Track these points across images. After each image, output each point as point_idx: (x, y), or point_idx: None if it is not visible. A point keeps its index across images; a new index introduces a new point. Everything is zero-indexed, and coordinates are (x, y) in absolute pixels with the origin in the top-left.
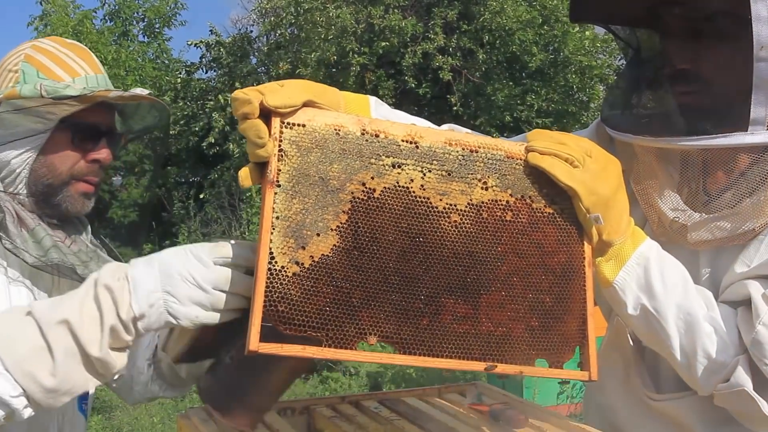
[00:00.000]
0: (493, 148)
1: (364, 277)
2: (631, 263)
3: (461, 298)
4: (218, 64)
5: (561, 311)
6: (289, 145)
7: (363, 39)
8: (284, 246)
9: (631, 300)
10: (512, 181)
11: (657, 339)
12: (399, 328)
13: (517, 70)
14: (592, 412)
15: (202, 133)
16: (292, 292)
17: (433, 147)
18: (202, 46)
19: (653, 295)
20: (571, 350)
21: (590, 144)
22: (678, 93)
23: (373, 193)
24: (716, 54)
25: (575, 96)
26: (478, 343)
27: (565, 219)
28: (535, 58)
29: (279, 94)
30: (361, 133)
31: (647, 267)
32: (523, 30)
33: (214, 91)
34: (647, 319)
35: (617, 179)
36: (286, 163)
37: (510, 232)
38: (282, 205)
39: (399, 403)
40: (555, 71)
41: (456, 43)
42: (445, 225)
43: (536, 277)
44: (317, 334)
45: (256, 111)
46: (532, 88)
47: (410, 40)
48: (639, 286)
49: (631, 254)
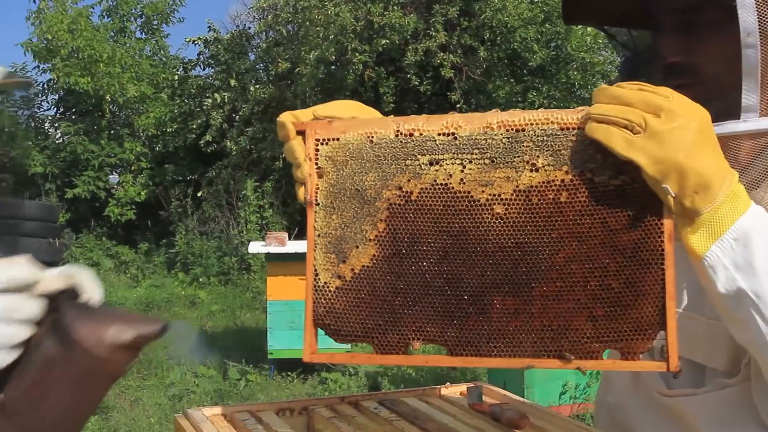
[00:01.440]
0: (543, 123)
1: (405, 282)
2: (728, 238)
3: (510, 294)
4: (216, 60)
5: (632, 296)
6: (326, 162)
7: (363, 37)
8: (326, 262)
9: (723, 280)
10: (568, 156)
11: (750, 326)
12: (443, 331)
13: (518, 67)
14: (601, 413)
15: (199, 130)
16: (337, 305)
17: (473, 135)
18: (200, 42)
19: (754, 276)
20: (647, 338)
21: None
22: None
23: (410, 196)
24: (705, 45)
25: (577, 93)
26: (530, 339)
27: (637, 189)
28: (536, 55)
29: (327, 106)
30: (395, 135)
31: (748, 244)
32: (525, 27)
33: (212, 89)
34: (741, 302)
35: (697, 135)
36: (325, 180)
37: (566, 214)
38: (322, 222)
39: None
40: (557, 68)
41: (457, 40)
42: (487, 218)
43: (600, 261)
44: (364, 342)
45: (290, 133)
46: (533, 86)
47: (411, 37)
48: (736, 265)
49: (730, 226)
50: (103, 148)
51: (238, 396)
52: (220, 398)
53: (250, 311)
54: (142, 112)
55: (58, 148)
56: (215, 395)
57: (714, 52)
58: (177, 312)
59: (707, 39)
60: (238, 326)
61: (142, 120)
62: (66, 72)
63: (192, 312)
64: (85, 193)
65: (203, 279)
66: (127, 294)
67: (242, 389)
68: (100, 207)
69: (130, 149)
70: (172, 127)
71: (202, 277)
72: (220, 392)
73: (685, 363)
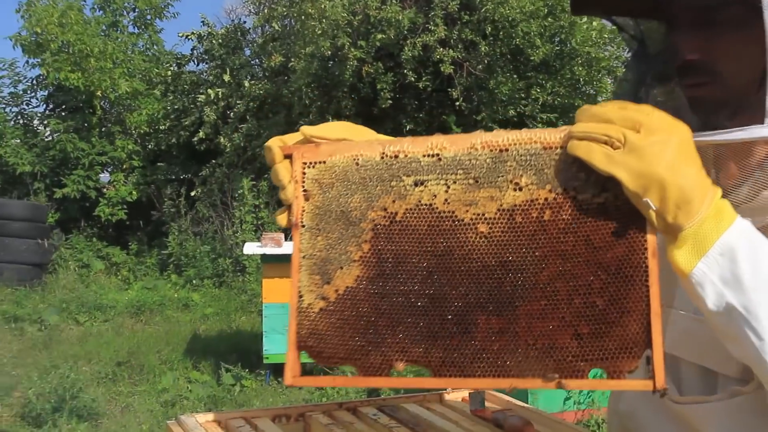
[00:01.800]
0: (527, 143)
1: (389, 303)
2: (713, 253)
3: (495, 313)
4: (210, 56)
5: (617, 314)
6: (312, 184)
7: (359, 31)
8: (311, 283)
9: (712, 296)
10: (551, 175)
11: (742, 342)
12: (427, 352)
13: (521, 62)
14: (613, 422)
15: (193, 128)
16: (320, 327)
17: (457, 155)
18: (193, 37)
19: (742, 291)
20: (633, 357)
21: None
22: (688, 86)
23: (395, 216)
24: (726, 43)
25: (582, 89)
26: (514, 359)
27: (620, 206)
28: (539, 50)
29: (317, 127)
30: (380, 158)
31: (734, 258)
32: (527, 21)
33: (206, 84)
34: (732, 318)
35: (677, 149)
36: (311, 202)
37: (550, 232)
38: (307, 244)
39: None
40: (561, 64)
41: (457, 35)
42: (471, 237)
43: (585, 279)
44: (347, 364)
45: (276, 157)
46: (537, 82)
47: (409, 32)
48: (723, 280)
49: (714, 242)
50: (94, 146)
51: (233, 402)
52: (214, 404)
53: (245, 314)
54: (134, 109)
55: (47, 146)
56: (209, 401)
57: (735, 51)
58: (170, 315)
59: (728, 37)
60: (233, 330)
61: (134, 117)
62: (56, 67)
63: (185, 315)
64: (75, 192)
65: (197, 281)
66: (118, 297)
67: (237, 395)
68: (90, 207)
69: (121, 147)
70: (165, 124)
71: (196, 279)
72: (214, 398)
73: (697, 369)
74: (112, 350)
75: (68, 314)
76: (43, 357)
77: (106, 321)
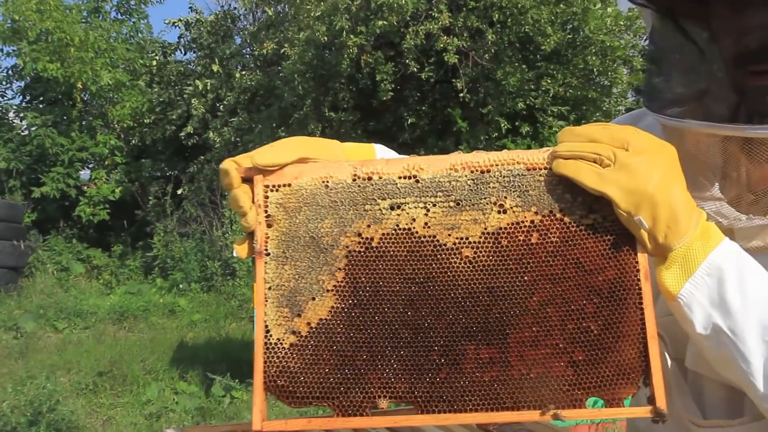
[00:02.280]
0: (509, 163)
1: (368, 335)
2: (701, 273)
3: (484, 342)
4: (198, 44)
5: (612, 338)
6: (276, 209)
7: (359, 17)
8: (279, 317)
9: (700, 318)
10: (536, 196)
11: (732, 365)
12: (413, 386)
13: (530, 52)
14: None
15: (179, 121)
16: (291, 364)
17: (436, 177)
18: (180, 25)
19: (728, 313)
20: (631, 383)
21: (630, 133)
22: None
23: (371, 242)
24: None
25: (596, 80)
26: (508, 390)
27: (609, 227)
28: (550, 38)
29: (267, 153)
30: (352, 180)
31: (721, 278)
32: (537, 8)
33: (194, 75)
34: (720, 340)
35: (666, 169)
36: (275, 228)
37: (538, 256)
38: (273, 274)
39: None
40: (573, 53)
41: (462, 22)
42: (455, 263)
43: (577, 303)
44: (323, 404)
45: (233, 181)
46: (547, 72)
47: (411, 18)
48: (711, 301)
49: (701, 262)
50: (74, 141)
51: (223, 415)
52: (202, 417)
53: (236, 321)
54: (116, 101)
55: (23, 141)
56: (197, 414)
57: None
58: (155, 322)
59: None
60: (222, 337)
61: (116, 110)
62: (33, 57)
63: (171, 322)
64: (54, 191)
65: (184, 285)
66: (100, 302)
67: (227, 407)
68: (69, 206)
69: (103, 142)
70: (150, 117)
71: (183, 283)
72: (202, 410)
73: (721, 389)
74: (93, 359)
75: (46, 321)
76: (19, 367)
77: (87, 328)
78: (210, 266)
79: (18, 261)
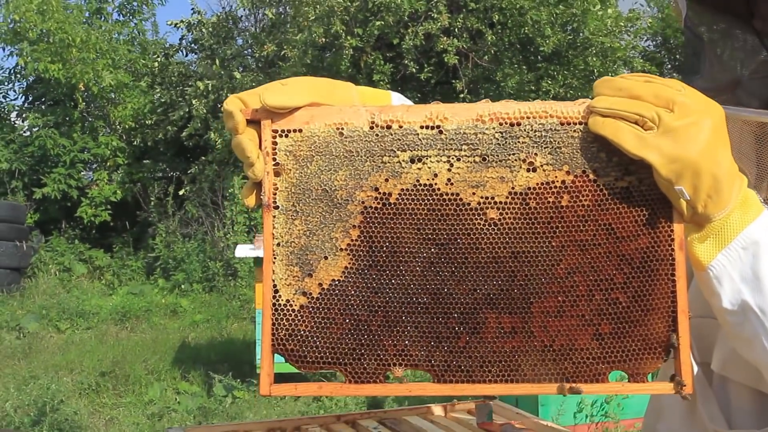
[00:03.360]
0: (541, 116)
1: (384, 299)
2: (735, 246)
3: (506, 310)
4: (200, 46)
5: (641, 311)
6: (286, 157)
7: (357, 18)
8: (288, 276)
9: (728, 292)
10: (569, 155)
11: (754, 344)
12: (430, 354)
13: (531, 53)
14: None
15: (181, 122)
16: (301, 327)
17: (461, 128)
18: (182, 26)
19: (760, 291)
20: (657, 357)
21: (676, 90)
22: None
23: (388, 198)
24: None
25: None
26: (529, 361)
27: (645, 192)
28: (550, 39)
29: (279, 94)
30: (369, 128)
31: (757, 253)
32: (537, 9)
33: (195, 76)
34: (747, 317)
35: (713, 132)
36: (284, 178)
37: (567, 220)
38: (282, 230)
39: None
40: (574, 54)
41: (462, 23)
42: (479, 224)
43: (606, 272)
44: (334, 369)
45: (238, 125)
46: (547, 73)
47: (410, 19)
48: (742, 276)
49: (738, 234)
50: (76, 142)
51: (224, 414)
52: (204, 417)
53: (237, 321)
54: (118, 102)
55: (25, 142)
56: (199, 414)
57: None
58: (157, 322)
59: None
60: (224, 338)
61: (118, 111)
62: (35, 57)
63: (173, 322)
64: (56, 192)
65: (185, 286)
66: (102, 303)
67: (229, 407)
68: (71, 207)
69: (105, 143)
70: (152, 119)
71: (185, 283)
72: (204, 410)
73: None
74: (96, 360)
75: (48, 321)
76: (22, 367)
77: (89, 328)
78: (212, 267)
79: (20, 262)
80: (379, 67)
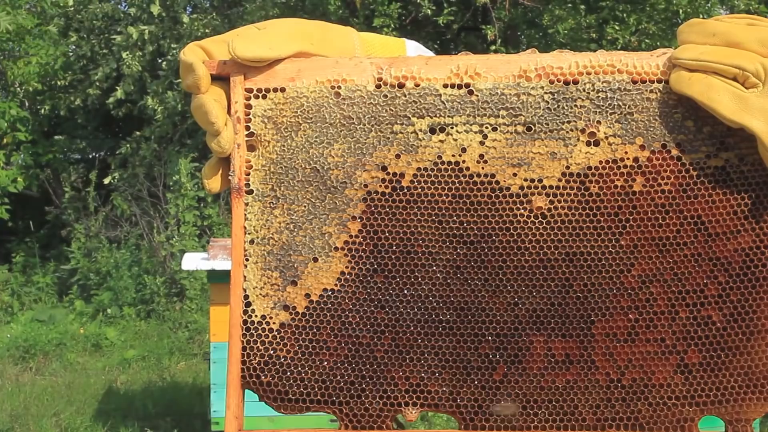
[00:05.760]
0: (606, 72)
1: (393, 316)
2: None
3: (558, 332)
4: None
5: (742, 334)
6: (263, 125)
7: None
8: (264, 284)
9: None
10: (644, 123)
11: None
12: (455, 391)
13: None
14: None
15: (107, 84)
16: (282, 353)
17: (498, 88)
18: None
19: None
20: (765, 398)
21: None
22: None
23: (400, 180)
24: None
25: None
26: (590, 401)
27: (747, 174)
28: None
29: (254, 41)
30: (375, 86)
31: None
32: None
33: (126, 20)
34: None
35: None
36: (261, 153)
37: (641, 211)
38: (257, 222)
39: None
40: None
41: None
42: (522, 216)
43: (693, 282)
44: (325, 411)
45: (201, 81)
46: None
47: None
48: None
49: None
50: None
51: None
52: None
53: (185, 359)
54: (18, 56)
55: None
56: None
57: None
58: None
59: None
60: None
61: (18, 68)
62: None
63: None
64: None
65: (113, 310)
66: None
67: None
68: None
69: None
70: (66, 78)
71: (112, 306)
72: None
73: None
74: None
75: None
76: None
77: None
78: (150, 283)
79: None
80: (382, 8)
